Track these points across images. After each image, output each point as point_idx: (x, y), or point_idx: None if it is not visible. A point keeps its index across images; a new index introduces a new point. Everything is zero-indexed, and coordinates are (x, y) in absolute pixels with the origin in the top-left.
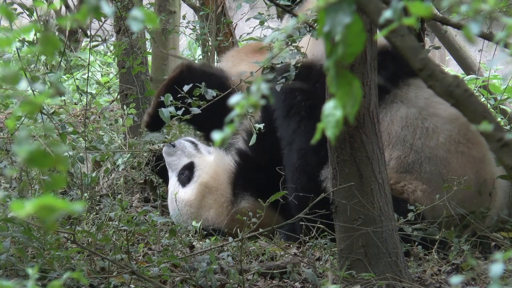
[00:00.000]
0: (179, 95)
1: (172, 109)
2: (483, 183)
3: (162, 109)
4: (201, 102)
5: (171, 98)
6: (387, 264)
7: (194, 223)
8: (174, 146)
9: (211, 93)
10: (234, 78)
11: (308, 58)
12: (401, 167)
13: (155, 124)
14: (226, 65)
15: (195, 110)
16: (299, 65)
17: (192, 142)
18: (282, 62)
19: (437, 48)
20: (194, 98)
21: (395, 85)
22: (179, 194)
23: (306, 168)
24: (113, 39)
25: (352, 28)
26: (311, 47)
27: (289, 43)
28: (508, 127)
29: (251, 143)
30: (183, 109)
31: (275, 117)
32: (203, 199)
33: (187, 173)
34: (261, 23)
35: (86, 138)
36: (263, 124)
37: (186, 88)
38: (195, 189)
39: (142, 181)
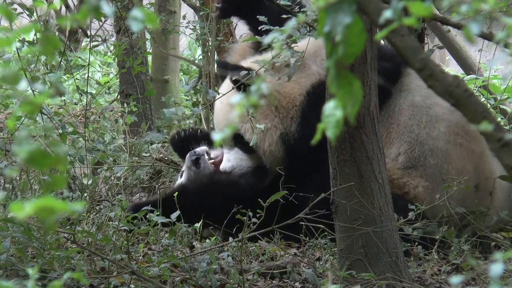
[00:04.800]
0: None
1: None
2: (482, 181)
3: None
4: None
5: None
6: (387, 264)
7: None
8: (198, 162)
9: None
10: None
11: None
12: (408, 162)
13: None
14: None
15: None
16: None
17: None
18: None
19: (441, 48)
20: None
21: (400, 74)
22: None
23: None
24: (113, 39)
25: (352, 28)
26: None
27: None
28: (508, 127)
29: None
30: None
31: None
32: None
33: None
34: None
35: (86, 138)
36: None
37: None
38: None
39: (147, 185)
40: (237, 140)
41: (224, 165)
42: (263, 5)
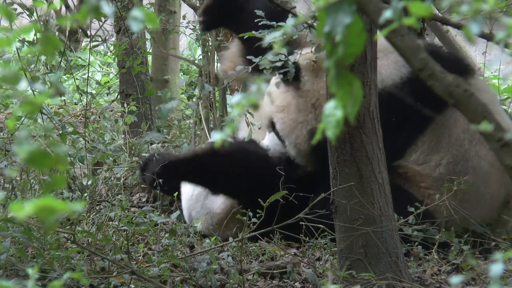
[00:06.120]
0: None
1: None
2: (509, 195)
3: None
4: None
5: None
6: (387, 264)
7: (195, 223)
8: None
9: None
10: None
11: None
12: (447, 175)
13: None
14: None
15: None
16: None
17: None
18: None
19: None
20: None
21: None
22: None
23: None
24: (113, 39)
25: (352, 28)
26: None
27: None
28: None
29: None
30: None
31: None
32: None
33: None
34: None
35: (86, 138)
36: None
37: None
38: None
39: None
40: (273, 127)
41: (263, 142)
42: (244, 13)
